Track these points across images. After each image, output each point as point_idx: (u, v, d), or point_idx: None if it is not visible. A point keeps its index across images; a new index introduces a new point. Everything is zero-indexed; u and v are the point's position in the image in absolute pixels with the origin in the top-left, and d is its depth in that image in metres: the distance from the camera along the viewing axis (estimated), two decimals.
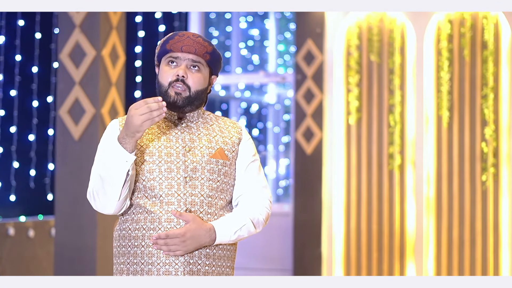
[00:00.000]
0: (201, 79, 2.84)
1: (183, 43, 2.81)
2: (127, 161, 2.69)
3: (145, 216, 2.78)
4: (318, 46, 7.65)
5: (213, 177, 2.82)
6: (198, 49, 2.82)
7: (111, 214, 2.82)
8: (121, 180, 2.70)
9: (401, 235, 7.29)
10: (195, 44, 2.81)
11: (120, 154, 2.69)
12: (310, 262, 7.59)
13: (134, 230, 2.79)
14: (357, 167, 7.46)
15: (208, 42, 2.85)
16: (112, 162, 2.70)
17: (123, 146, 2.69)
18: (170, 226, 2.74)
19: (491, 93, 7.05)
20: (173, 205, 2.76)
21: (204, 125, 2.90)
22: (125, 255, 2.82)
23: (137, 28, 7.70)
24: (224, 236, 2.78)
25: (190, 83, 2.82)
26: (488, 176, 7.03)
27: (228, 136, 2.90)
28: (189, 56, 2.82)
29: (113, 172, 2.69)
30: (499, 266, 6.99)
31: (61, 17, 5.60)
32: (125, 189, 2.73)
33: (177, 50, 2.82)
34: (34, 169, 7.00)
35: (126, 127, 2.68)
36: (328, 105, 7.58)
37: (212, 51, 2.85)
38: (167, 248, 2.72)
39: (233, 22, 9.43)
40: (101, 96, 5.50)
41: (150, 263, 2.75)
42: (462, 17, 7.15)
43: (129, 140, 2.69)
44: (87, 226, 5.47)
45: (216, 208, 2.81)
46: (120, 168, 2.69)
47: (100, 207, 2.80)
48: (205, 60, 2.85)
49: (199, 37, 2.83)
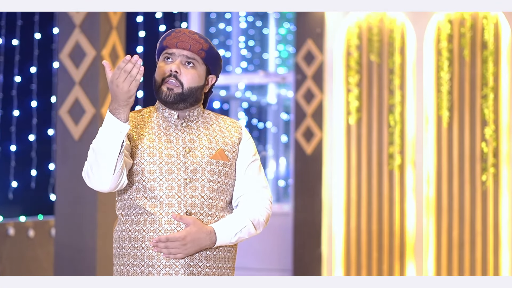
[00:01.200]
0: (195, 76, 2.81)
1: (179, 39, 2.80)
2: (121, 132, 2.63)
3: (145, 217, 2.76)
4: (318, 46, 7.65)
5: (214, 178, 2.80)
6: (193, 46, 2.80)
7: (107, 190, 2.74)
8: (116, 151, 2.64)
9: (401, 235, 7.29)
10: (190, 40, 2.80)
11: (114, 125, 2.63)
12: (310, 262, 7.59)
13: (134, 231, 2.78)
14: (357, 167, 7.46)
15: (204, 39, 2.82)
16: (106, 133, 2.64)
17: (117, 117, 2.63)
18: (171, 229, 2.73)
19: (491, 93, 7.05)
20: (173, 207, 2.75)
21: (204, 125, 2.88)
22: (125, 256, 2.80)
23: (138, 28, 7.70)
24: (224, 238, 2.77)
25: (183, 79, 2.79)
26: (488, 176, 7.03)
27: (228, 136, 2.88)
28: (183, 52, 2.81)
29: (108, 144, 2.63)
30: (499, 266, 6.99)
31: (61, 17, 5.60)
32: (120, 161, 2.67)
33: (172, 46, 2.81)
34: (34, 169, 7.00)
35: (116, 99, 2.62)
36: (328, 105, 7.58)
37: (209, 48, 2.83)
38: (167, 251, 2.71)
39: (233, 22, 9.43)
40: (101, 96, 5.50)
41: (151, 265, 2.74)
42: (462, 17, 7.15)
43: (122, 110, 2.63)
44: (87, 226, 5.47)
45: (217, 210, 2.80)
46: (114, 139, 2.63)
47: (95, 182, 2.71)
48: (201, 58, 2.82)
49: (195, 34, 2.82)
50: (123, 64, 2.60)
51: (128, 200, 2.81)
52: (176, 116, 2.86)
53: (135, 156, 2.80)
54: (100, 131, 2.66)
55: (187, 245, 2.71)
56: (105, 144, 2.64)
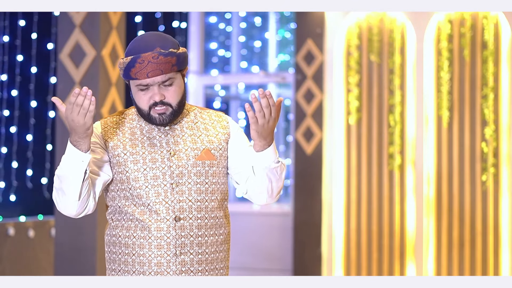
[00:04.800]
0: (177, 90, 2.75)
1: (147, 70, 2.68)
2: (83, 161, 2.65)
3: (135, 223, 2.75)
4: (318, 46, 7.65)
5: (201, 180, 2.77)
6: (164, 69, 2.69)
7: (74, 215, 2.77)
8: (79, 180, 2.65)
9: (401, 235, 7.29)
10: (159, 66, 2.68)
11: (76, 155, 2.65)
12: (310, 262, 7.59)
13: (125, 237, 2.77)
14: (357, 167, 7.46)
15: (170, 54, 2.69)
16: (69, 163, 2.66)
17: (78, 148, 2.65)
18: (160, 235, 2.72)
19: (491, 93, 7.04)
20: (162, 213, 2.73)
21: (188, 124, 2.84)
22: (115, 262, 2.80)
23: (137, 28, 7.70)
24: (274, 152, 2.74)
25: (169, 100, 2.73)
26: (488, 176, 7.03)
27: (213, 133, 2.84)
28: (158, 79, 2.70)
29: (71, 172, 2.65)
30: (499, 266, 6.99)
31: (61, 17, 5.60)
32: (84, 188, 2.68)
33: (142, 77, 2.69)
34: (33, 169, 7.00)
35: (75, 132, 2.64)
36: (328, 105, 7.58)
37: (177, 58, 2.72)
38: (267, 111, 2.66)
39: (233, 22, 9.43)
40: (101, 96, 5.50)
41: (142, 272, 2.74)
42: (462, 17, 7.15)
43: (83, 141, 2.65)
44: (87, 226, 5.47)
45: (206, 212, 2.77)
46: (77, 168, 2.65)
47: (62, 208, 2.74)
48: (174, 72, 2.73)
49: (160, 56, 2.67)
50: (74, 98, 2.59)
51: (117, 207, 2.80)
52: None
53: (119, 164, 2.77)
54: (63, 160, 2.69)
55: (270, 123, 2.67)
56: (69, 172, 2.66)
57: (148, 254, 2.73)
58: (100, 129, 2.82)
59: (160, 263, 2.72)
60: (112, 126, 2.83)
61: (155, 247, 2.72)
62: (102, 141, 2.81)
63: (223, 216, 2.84)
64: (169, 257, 2.73)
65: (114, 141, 2.79)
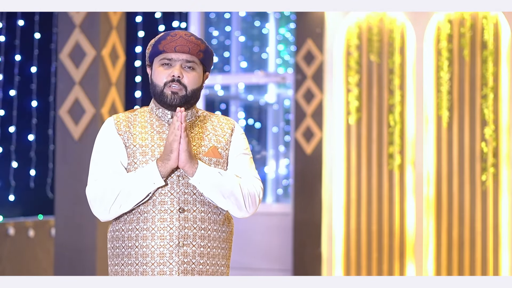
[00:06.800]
0: (196, 78, 2.84)
1: (176, 43, 2.80)
2: (155, 183, 2.73)
3: (137, 216, 2.78)
4: (318, 46, 7.65)
5: None
6: (191, 48, 2.81)
7: (104, 220, 2.83)
8: (140, 198, 2.74)
9: (401, 235, 7.30)
10: (188, 43, 2.81)
11: (153, 174, 2.72)
12: (310, 262, 7.59)
13: (127, 230, 2.80)
14: (357, 167, 7.46)
15: (200, 40, 2.84)
16: (141, 179, 2.73)
17: (159, 168, 2.73)
18: (163, 226, 2.75)
19: (491, 93, 7.05)
20: (166, 204, 2.77)
21: (197, 123, 2.90)
22: (119, 256, 2.82)
23: (137, 28, 7.70)
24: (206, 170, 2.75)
25: (186, 82, 2.82)
26: (488, 176, 7.04)
27: (221, 134, 2.90)
28: (183, 56, 2.81)
29: (137, 189, 2.73)
30: (499, 266, 6.99)
31: (61, 17, 5.60)
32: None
33: (170, 50, 2.81)
34: (34, 169, 7.00)
35: (164, 153, 2.74)
36: (328, 105, 7.58)
37: (205, 49, 2.85)
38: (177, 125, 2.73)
39: (233, 22, 9.43)
40: (101, 96, 5.50)
41: (145, 264, 2.76)
42: (462, 17, 7.15)
43: (164, 164, 2.72)
44: (87, 226, 5.47)
45: (210, 206, 2.81)
46: (145, 187, 2.72)
47: (102, 213, 2.79)
48: (199, 59, 2.84)
49: (192, 36, 2.82)
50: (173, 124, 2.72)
51: None
52: (170, 116, 2.88)
53: (128, 156, 2.82)
54: (136, 173, 2.74)
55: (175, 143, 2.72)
56: (135, 188, 2.73)
57: (151, 245, 2.76)
58: (113, 123, 2.87)
59: (163, 254, 2.74)
60: (124, 119, 2.88)
61: (158, 238, 2.76)
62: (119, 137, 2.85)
63: (226, 215, 2.88)
64: (171, 248, 2.75)
65: (126, 134, 2.85)
